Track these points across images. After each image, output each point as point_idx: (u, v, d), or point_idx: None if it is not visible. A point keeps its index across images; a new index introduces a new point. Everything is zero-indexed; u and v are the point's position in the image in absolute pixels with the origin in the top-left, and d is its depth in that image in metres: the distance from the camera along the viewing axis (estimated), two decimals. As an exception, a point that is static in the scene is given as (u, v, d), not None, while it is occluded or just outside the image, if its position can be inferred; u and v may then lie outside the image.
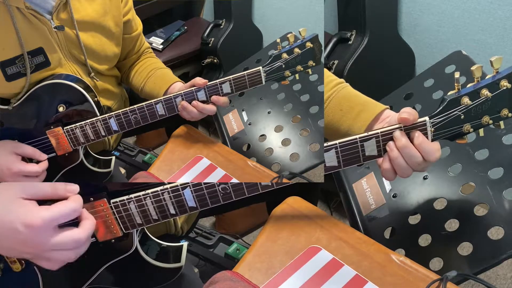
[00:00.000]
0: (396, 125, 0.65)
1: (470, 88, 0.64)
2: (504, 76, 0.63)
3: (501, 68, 0.64)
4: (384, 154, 0.67)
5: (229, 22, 1.94)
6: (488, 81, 0.64)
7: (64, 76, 0.92)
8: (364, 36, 1.55)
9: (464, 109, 0.64)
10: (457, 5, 1.50)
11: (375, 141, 0.66)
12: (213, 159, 0.96)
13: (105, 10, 0.95)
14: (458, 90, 0.65)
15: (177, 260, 0.76)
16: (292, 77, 0.91)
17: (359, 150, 0.66)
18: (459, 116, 0.65)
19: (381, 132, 0.65)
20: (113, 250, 0.71)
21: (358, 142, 0.66)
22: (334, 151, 0.66)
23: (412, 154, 0.64)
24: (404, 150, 0.64)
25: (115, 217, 0.68)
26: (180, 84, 1.02)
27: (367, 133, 0.66)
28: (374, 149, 0.66)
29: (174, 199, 0.67)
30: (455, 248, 0.75)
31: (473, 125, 0.65)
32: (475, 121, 0.65)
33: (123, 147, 1.62)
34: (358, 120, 0.76)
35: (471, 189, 0.80)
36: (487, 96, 0.63)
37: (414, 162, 0.65)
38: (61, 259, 0.61)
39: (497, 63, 0.63)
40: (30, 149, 0.90)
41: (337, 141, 0.66)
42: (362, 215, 0.87)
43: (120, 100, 1.12)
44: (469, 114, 0.65)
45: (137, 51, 1.12)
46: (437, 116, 0.65)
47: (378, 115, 0.75)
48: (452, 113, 0.64)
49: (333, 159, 0.67)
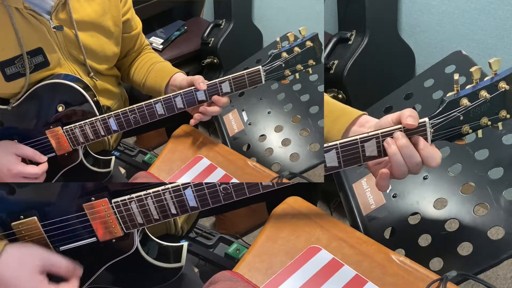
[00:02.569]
0: (396, 126, 0.66)
1: (469, 90, 0.65)
2: (502, 78, 0.63)
3: (499, 70, 0.64)
4: (384, 155, 0.67)
5: (229, 22, 1.94)
6: (487, 82, 0.64)
7: (63, 76, 0.92)
8: (364, 36, 1.55)
9: (463, 111, 0.65)
10: (457, 5, 1.50)
11: (375, 141, 0.66)
12: (213, 159, 0.96)
13: (104, 10, 0.95)
14: (457, 92, 0.65)
15: (178, 260, 0.76)
16: (292, 77, 0.91)
17: (360, 151, 0.66)
18: (458, 117, 0.65)
19: (381, 133, 0.66)
20: (113, 250, 0.71)
21: (359, 143, 0.66)
22: (334, 152, 0.66)
23: (412, 154, 0.64)
24: (404, 150, 0.64)
25: (116, 216, 0.68)
26: (180, 74, 1.02)
27: (368, 133, 0.66)
28: (375, 149, 0.66)
29: (176, 199, 0.67)
30: (455, 248, 0.75)
31: (472, 126, 0.66)
32: (474, 122, 0.65)
33: (123, 147, 1.62)
34: (336, 123, 0.77)
35: (471, 189, 0.80)
36: (485, 97, 0.64)
37: (413, 162, 0.64)
38: None
39: (496, 65, 0.63)
40: (30, 151, 0.90)
41: (338, 142, 0.66)
42: (362, 215, 0.87)
43: (120, 100, 1.12)
44: (468, 116, 0.65)
45: (137, 49, 1.12)
46: (437, 117, 0.65)
47: (356, 119, 0.75)
48: (451, 114, 0.65)
49: (333, 159, 0.67)
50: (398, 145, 0.64)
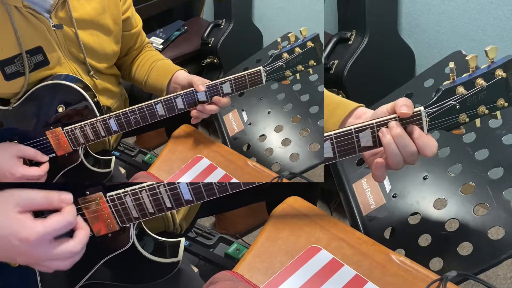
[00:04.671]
0: (391, 116, 0.65)
1: (465, 78, 0.63)
2: (499, 66, 0.62)
3: (496, 59, 0.63)
4: (379, 145, 0.66)
5: (229, 22, 1.94)
6: (483, 70, 0.63)
7: (63, 77, 0.92)
8: (364, 36, 1.55)
9: (459, 99, 0.63)
10: (457, 5, 1.50)
11: (370, 131, 0.65)
12: (213, 159, 0.96)
13: (103, 8, 0.95)
14: (453, 80, 0.64)
15: (174, 255, 0.76)
16: (293, 77, 0.91)
17: (354, 141, 0.65)
18: (455, 106, 0.64)
19: (376, 123, 0.64)
20: (110, 244, 0.71)
21: (353, 133, 0.65)
22: (329, 142, 0.65)
23: (407, 144, 0.63)
24: (398, 139, 0.63)
25: (111, 210, 0.68)
26: (183, 72, 1.02)
27: (362, 123, 0.65)
28: (370, 139, 0.65)
29: (170, 192, 0.67)
30: (455, 248, 0.75)
31: (469, 115, 0.64)
32: (471, 111, 0.64)
33: (123, 147, 1.62)
34: (333, 116, 0.76)
35: (471, 189, 0.80)
36: (482, 85, 0.62)
37: (408, 152, 0.63)
38: (56, 267, 0.62)
39: (492, 52, 0.62)
40: (31, 151, 0.90)
41: (332, 132, 0.65)
42: (362, 215, 0.87)
43: (120, 100, 1.12)
44: (464, 104, 0.64)
45: (138, 47, 1.12)
46: (432, 106, 0.64)
47: (352, 111, 0.75)
48: (447, 103, 0.63)
49: (328, 150, 0.66)
50: (393, 134, 0.63)
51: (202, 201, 0.68)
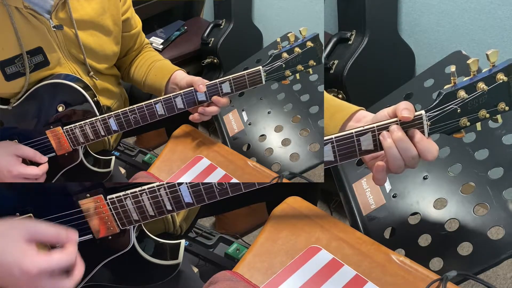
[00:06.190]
0: (392, 119, 0.65)
1: (466, 82, 0.63)
2: (500, 69, 0.62)
3: (497, 62, 0.63)
4: (380, 149, 0.66)
5: (229, 22, 1.94)
6: (485, 74, 0.63)
7: (63, 76, 0.92)
8: (364, 36, 1.55)
9: (460, 103, 0.63)
10: (457, 5, 1.50)
11: (371, 135, 0.65)
12: (213, 159, 0.96)
13: (103, 9, 0.95)
14: (454, 84, 0.64)
15: (175, 257, 0.76)
16: (292, 77, 0.91)
17: (355, 145, 0.65)
18: (456, 110, 0.64)
19: (377, 126, 0.65)
20: (110, 247, 0.71)
21: (354, 137, 0.65)
22: (330, 146, 0.65)
23: (408, 148, 0.63)
24: (399, 143, 0.63)
25: (112, 213, 0.68)
26: (181, 72, 1.02)
27: (363, 126, 0.65)
28: (370, 143, 0.65)
29: (171, 194, 0.67)
30: (455, 248, 0.75)
31: (470, 119, 0.64)
32: (472, 114, 0.64)
33: (123, 147, 1.62)
34: (333, 119, 0.76)
35: (471, 189, 0.80)
36: (483, 89, 0.63)
37: (409, 155, 0.63)
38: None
39: (493, 56, 0.62)
40: (31, 151, 0.90)
41: (333, 136, 0.65)
42: (362, 215, 0.87)
43: (120, 100, 1.12)
44: (465, 108, 0.64)
45: (137, 48, 1.12)
46: (433, 110, 0.64)
47: (352, 114, 0.75)
48: (448, 107, 0.64)
49: (329, 154, 0.66)
50: (394, 138, 0.63)
51: (203, 204, 0.68)
